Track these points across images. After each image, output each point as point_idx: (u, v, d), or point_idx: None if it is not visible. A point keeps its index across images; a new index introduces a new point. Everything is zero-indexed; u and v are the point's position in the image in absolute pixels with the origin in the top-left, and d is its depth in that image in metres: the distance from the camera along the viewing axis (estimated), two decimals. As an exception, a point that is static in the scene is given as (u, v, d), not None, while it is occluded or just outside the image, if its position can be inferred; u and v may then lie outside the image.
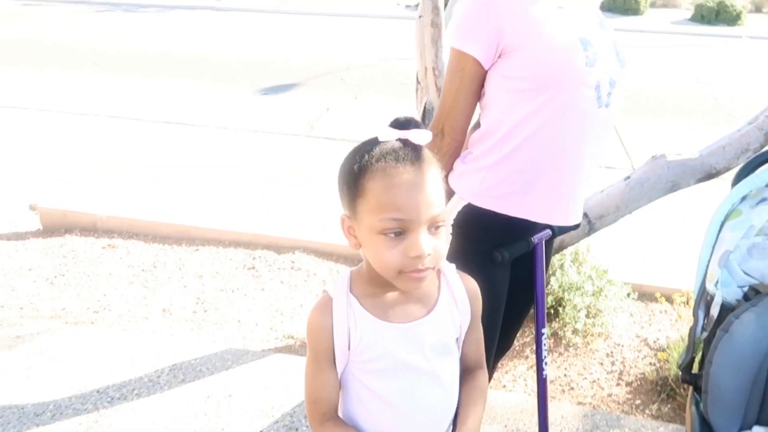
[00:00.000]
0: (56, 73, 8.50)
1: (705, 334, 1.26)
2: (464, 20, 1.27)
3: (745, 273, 1.26)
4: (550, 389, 2.31)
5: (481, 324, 1.07)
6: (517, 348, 2.54)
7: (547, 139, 1.28)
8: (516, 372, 2.42)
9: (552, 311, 2.54)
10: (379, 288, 0.98)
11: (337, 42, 12.40)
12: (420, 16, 2.10)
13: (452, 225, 1.30)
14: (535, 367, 2.43)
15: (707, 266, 1.29)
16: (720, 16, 16.86)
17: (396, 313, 0.99)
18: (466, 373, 1.08)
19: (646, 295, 2.89)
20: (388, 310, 0.98)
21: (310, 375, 1.00)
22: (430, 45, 2.07)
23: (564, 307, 2.50)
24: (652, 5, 19.24)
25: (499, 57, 1.26)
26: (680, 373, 1.30)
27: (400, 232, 0.89)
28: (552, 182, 1.32)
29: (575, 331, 2.52)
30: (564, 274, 2.53)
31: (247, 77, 8.62)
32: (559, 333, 2.55)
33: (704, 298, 1.29)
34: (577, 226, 1.43)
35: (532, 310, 1.60)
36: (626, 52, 1.36)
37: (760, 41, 14.06)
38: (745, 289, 1.26)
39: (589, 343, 2.57)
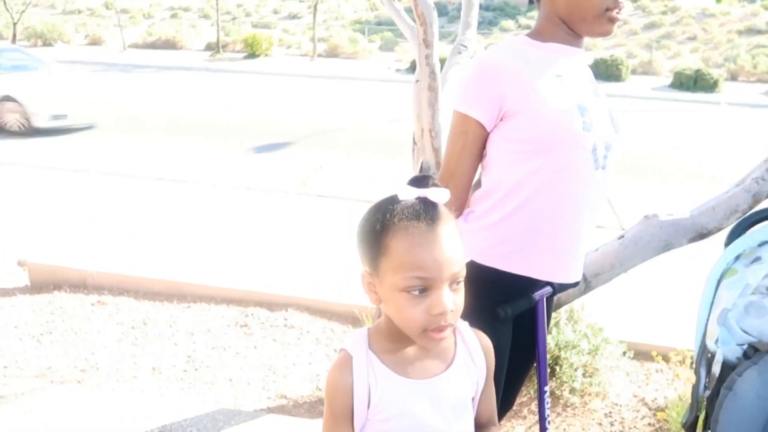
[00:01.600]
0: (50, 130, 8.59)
1: (708, 393, 1.26)
2: (468, 85, 1.33)
3: (744, 331, 1.28)
4: (549, 452, 2.26)
5: (493, 381, 1.07)
6: (515, 408, 2.50)
7: (546, 198, 1.32)
8: (514, 433, 2.38)
9: (549, 370, 2.51)
10: (399, 344, 0.98)
11: (330, 103, 12.73)
12: (417, 80, 2.18)
13: None
14: (533, 428, 2.39)
15: (706, 324, 1.31)
16: (698, 84, 17.56)
17: (415, 369, 0.98)
18: (479, 430, 1.06)
19: (641, 354, 2.88)
20: (408, 366, 0.98)
21: None
22: (426, 108, 2.14)
23: (561, 366, 2.49)
24: (634, 72, 20.03)
25: (501, 120, 1.31)
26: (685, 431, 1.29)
27: (424, 289, 0.89)
28: (552, 240, 1.35)
29: (572, 390, 2.49)
30: (560, 332, 2.52)
31: (241, 136, 8.77)
32: (556, 392, 2.52)
33: (705, 356, 1.30)
34: (577, 284, 1.45)
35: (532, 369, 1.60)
36: (619, 117, 1.42)
37: (738, 107, 14.62)
38: (745, 347, 1.28)
39: (587, 403, 2.54)
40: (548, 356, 2.42)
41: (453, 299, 0.90)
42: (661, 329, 3.11)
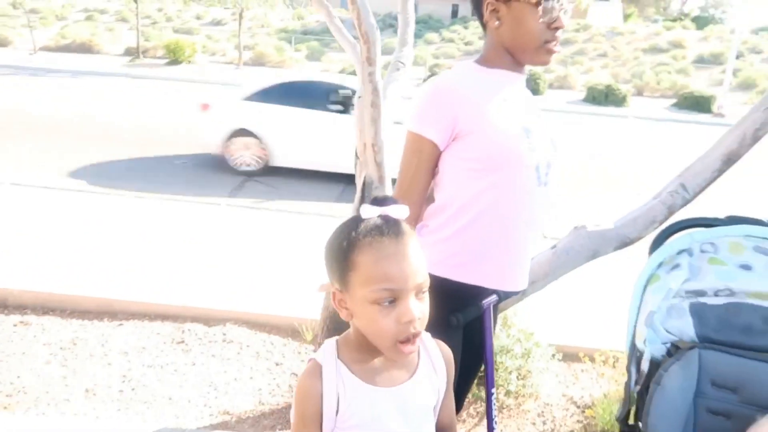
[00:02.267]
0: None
1: (638, 388, 1.39)
2: (423, 108, 1.41)
3: (667, 331, 1.42)
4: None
5: (452, 388, 1.14)
6: (455, 413, 2.60)
7: (495, 213, 1.42)
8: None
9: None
10: (366, 354, 1.04)
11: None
12: (359, 97, 2.25)
13: None
14: (473, 430, 2.50)
15: (635, 326, 1.44)
16: (609, 98, 18.70)
17: (382, 378, 1.04)
18: None
19: (569, 356, 3.06)
20: (375, 375, 1.04)
21: None
22: (369, 124, 2.21)
23: (497, 370, 2.61)
24: (551, 86, 21.05)
25: (453, 140, 1.40)
26: (619, 425, 1.42)
27: (392, 300, 0.96)
28: (501, 252, 1.45)
29: (508, 393, 2.62)
30: (495, 337, 2.65)
31: (167, 145, 8.51)
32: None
33: (635, 356, 1.43)
34: (520, 291, 1.55)
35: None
36: (557, 137, 1.55)
37: (644, 121, 15.69)
38: (668, 345, 1.42)
39: (521, 404, 2.68)
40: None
41: (420, 307, 0.97)
42: (586, 332, 3.32)
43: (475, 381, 1.76)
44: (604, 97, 18.71)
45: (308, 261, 4.17)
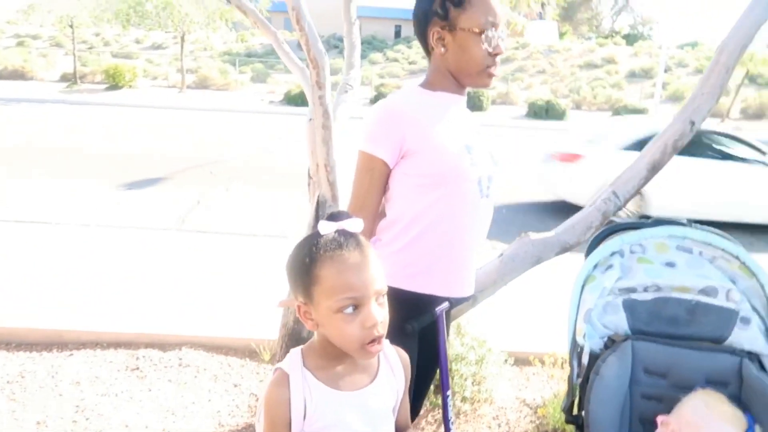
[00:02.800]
0: None
1: (580, 380, 1.51)
2: (373, 129, 1.51)
3: (604, 326, 1.55)
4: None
5: (408, 391, 1.22)
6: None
7: (443, 225, 1.53)
8: (414, 445, 2.54)
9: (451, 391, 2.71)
10: (330, 361, 1.11)
11: (204, 135, 12.44)
12: (310, 119, 2.32)
13: None
14: (432, 438, 2.57)
15: (575, 323, 1.56)
16: (549, 113, 19.43)
17: (345, 383, 1.11)
18: None
19: (520, 360, 3.18)
20: (339, 380, 1.11)
21: None
22: (321, 144, 2.28)
23: (452, 377, 2.70)
24: (494, 102, 21.71)
25: (402, 158, 1.50)
26: (564, 415, 1.52)
27: (355, 307, 1.03)
28: (449, 261, 1.55)
29: (464, 399, 2.71)
30: (449, 346, 2.74)
31: (110, 172, 8.33)
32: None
33: (576, 350, 1.55)
34: (469, 298, 1.65)
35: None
36: (498, 152, 1.67)
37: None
38: (605, 339, 1.54)
39: (476, 409, 2.77)
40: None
41: (381, 312, 1.05)
42: (536, 336, 3.46)
43: (432, 389, 1.84)
44: (544, 111, 19.43)
45: (261, 281, 4.18)
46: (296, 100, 18.14)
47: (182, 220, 6.40)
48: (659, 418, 1.38)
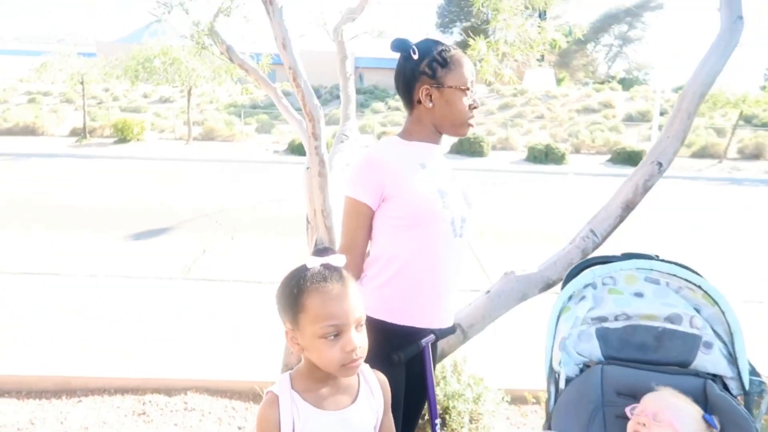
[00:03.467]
0: None
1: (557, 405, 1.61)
2: (357, 177, 1.68)
3: (579, 353, 1.65)
4: (446, 494, 2.50)
5: (391, 412, 1.34)
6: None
7: (419, 261, 1.68)
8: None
9: (440, 420, 2.78)
10: (316, 383, 1.23)
11: (210, 186, 12.71)
12: (308, 168, 2.49)
13: None
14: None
15: (552, 351, 1.67)
16: (549, 157, 19.70)
17: (329, 403, 1.24)
18: None
19: (517, 398, 3.24)
20: (323, 401, 1.24)
21: None
22: (318, 191, 2.44)
23: (450, 415, 2.77)
24: (494, 148, 22.06)
25: (382, 201, 1.67)
26: (544, 439, 1.61)
27: (337, 333, 1.16)
28: (427, 295, 1.70)
29: (461, 436, 2.77)
30: (447, 384, 2.83)
31: (117, 223, 8.52)
32: (448, 440, 2.79)
33: (553, 377, 1.65)
34: (453, 329, 1.78)
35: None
36: (472, 195, 1.83)
37: (582, 177, 16.59)
38: (580, 365, 1.65)
39: (474, 447, 2.83)
40: (439, 407, 2.71)
41: (359, 338, 1.18)
42: (531, 374, 3.52)
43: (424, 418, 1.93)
44: (544, 156, 19.71)
45: (265, 326, 4.28)
46: (300, 149, 18.52)
47: (188, 268, 6.52)
48: (627, 408, 1.51)
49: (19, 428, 3.01)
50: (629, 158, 19.37)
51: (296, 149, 19.00)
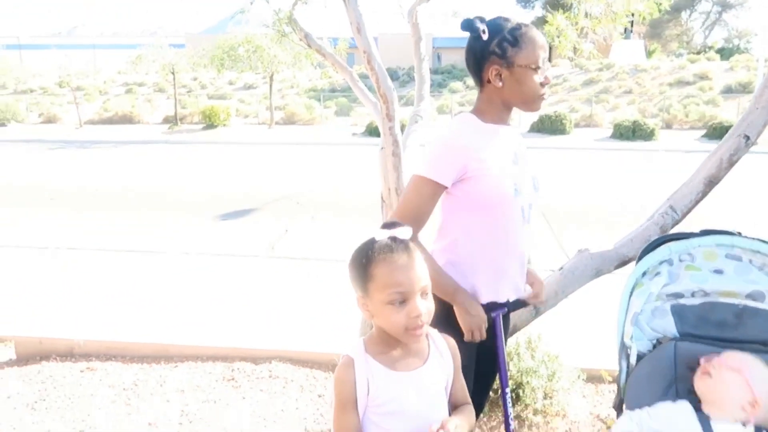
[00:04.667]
0: (11, 210, 8.67)
1: (628, 379, 1.61)
2: (437, 158, 1.68)
3: (652, 329, 1.64)
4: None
5: (462, 374, 1.40)
6: (486, 431, 2.78)
7: (487, 244, 1.71)
8: (487, 454, 2.65)
9: (514, 395, 2.82)
10: (388, 346, 1.31)
11: (291, 169, 13.13)
12: (382, 148, 2.56)
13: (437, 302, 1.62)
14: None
15: (624, 326, 1.66)
16: (636, 133, 18.77)
17: (401, 365, 1.32)
18: (455, 407, 1.38)
19: (593, 377, 3.21)
20: (395, 363, 1.32)
21: (338, 420, 1.29)
22: (392, 170, 2.51)
23: (523, 390, 2.79)
24: (577, 125, 21.29)
25: (459, 181, 1.69)
26: (615, 411, 1.61)
27: (402, 300, 1.23)
28: (492, 276, 1.74)
29: (535, 411, 2.79)
30: (520, 359, 2.84)
31: (207, 205, 9.02)
32: (522, 415, 2.81)
33: (624, 351, 1.64)
34: (525, 303, 1.81)
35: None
36: (540, 180, 1.83)
37: (674, 153, 15.71)
38: (653, 341, 1.63)
39: (548, 422, 2.84)
40: (512, 382, 2.74)
41: (425, 305, 1.25)
42: (608, 353, 3.45)
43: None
44: (631, 132, 18.80)
45: (344, 302, 4.44)
46: (377, 131, 18.63)
47: (272, 247, 6.83)
48: (703, 357, 1.49)
49: (124, 388, 3.32)
50: (726, 133, 18.13)
51: (374, 131, 19.18)
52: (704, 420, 1.44)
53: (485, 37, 1.70)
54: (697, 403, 1.48)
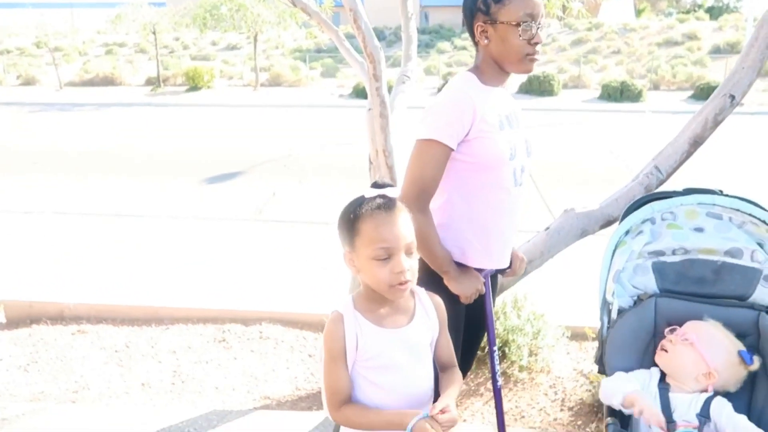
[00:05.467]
0: (-1, 173, 8.54)
1: (609, 333, 1.66)
2: (442, 119, 1.66)
3: (634, 286, 1.68)
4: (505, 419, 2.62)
5: (448, 332, 1.44)
6: (473, 387, 2.86)
7: (483, 206, 1.72)
8: (474, 408, 2.73)
9: (500, 353, 2.89)
10: (376, 304, 1.35)
11: (277, 131, 12.99)
12: (369, 109, 2.55)
13: (421, 268, 1.62)
14: (489, 403, 2.76)
15: (606, 282, 1.70)
16: (624, 94, 18.73)
17: (388, 322, 1.36)
18: (442, 370, 1.43)
19: (577, 335, 3.29)
20: (383, 320, 1.35)
21: (328, 373, 1.32)
22: (379, 132, 2.50)
23: (509, 347, 2.86)
24: (565, 86, 21.16)
25: (460, 143, 1.68)
26: (596, 364, 1.67)
27: (387, 256, 1.26)
28: (489, 239, 1.76)
29: (521, 368, 2.87)
30: (507, 318, 2.91)
31: (193, 169, 8.93)
32: (508, 371, 2.89)
33: (606, 307, 1.69)
34: (511, 264, 1.85)
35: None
36: (533, 144, 1.83)
37: (661, 114, 15.74)
38: (635, 298, 1.68)
39: (534, 378, 2.93)
40: (498, 340, 2.81)
41: (409, 262, 1.28)
42: (591, 311, 3.53)
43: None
44: (619, 93, 18.74)
45: (332, 264, 4.48)
46: (364, 93, 18.35)
47: (259, 210, 6.83)
48: (667, 328, 1.56)
49: (116, 350, 3.36)
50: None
51: (361, 93, 18.95)
52: (663, 390, 1.53)
53: None
54: None
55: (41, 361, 3.26)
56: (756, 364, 1.52)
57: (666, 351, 1.55)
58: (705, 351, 1.49)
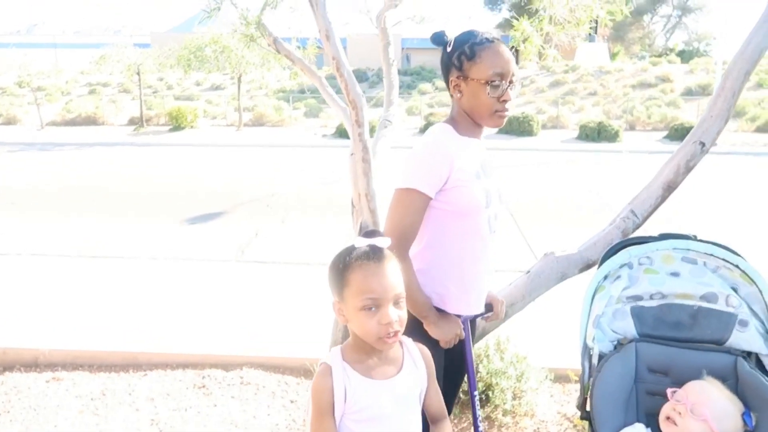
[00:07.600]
0: (-24, 214, 8.41)
1: (591, 379, 1.66)
2: (420, 168, 1.70)
3: (613, 331, 1.70)
4: (489, 467, 2.59)
5: (437, 381, 1.44)
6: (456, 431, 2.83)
7: (459, 252, 1.76)
8: (458, 455, 2.70)
9: (483, 396, 2.87)
10: (364, 354, 1.35)
11: (261, 171, 13.03)
12: (352, 153, 2.58)
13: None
14: None
15: (586, 328, 1.72)
16: (601, 135, 19.17)
17: (377, 373, 1.36)
18: (433, 423, 1.42)
19: (560, 377, 3.28)
20: (371, 371, 1.35)
21: (316, 428, 1.31)
22: (362, 176, 2.53)
23: (493, 391, 2.85)
24: (544, 127, 21.63)
25: (439, 192, 1.72)
26: (579, 411, 1.67)
27: (375, 307, 1.27)
28: (466, 285, 1.79)
29: (505, 412, 2.85)
30: (490, 361, 2.90)
31: (175, 208, 8.89)
32: (492, 416, 2.86)
33: (587, 352, 1.70)
34: (490, 308, 1.87)
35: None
36: (505, 193, 1.89)
37: (638, 154, 16.11)
38: (615, 342, 1.70)
39: (518, 422, 2.90)
40: (482, 384, 2.79)
41: (397, 313, 1.28)
42: (574, 353, 3.54)
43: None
44: (596, 134, 19.19)
45: (315, 306, 4.44)
46: (347, 133, 18.64)
47: (241, 251, 6.78)
48: (669, 390, 1.54)
49: (92, 398, 3.27)
50: (687, 134, 18.64)
51: (344, 133, 19.13)
52: None
53: (449, 49, 1.76)
54: (654, 423, 1.55)
55: (14, 410, 3.16)
56: (754, 422, 1.52)
57: (675, 423, 1.52)
58: (717, 426, 1.48)
